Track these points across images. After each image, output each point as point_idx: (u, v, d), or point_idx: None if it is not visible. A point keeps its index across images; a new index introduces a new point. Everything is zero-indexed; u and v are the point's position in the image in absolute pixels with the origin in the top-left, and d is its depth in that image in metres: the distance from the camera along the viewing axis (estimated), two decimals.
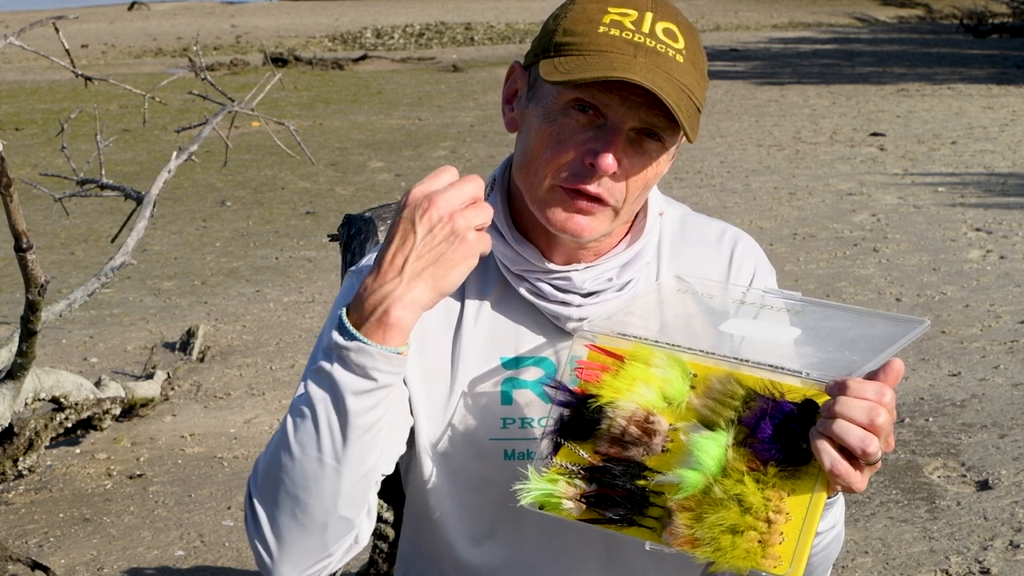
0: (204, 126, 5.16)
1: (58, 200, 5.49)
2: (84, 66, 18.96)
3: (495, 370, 1.65)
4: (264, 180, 10.81)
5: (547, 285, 1.63)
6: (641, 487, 1.41)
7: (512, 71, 1.64)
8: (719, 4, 32.75)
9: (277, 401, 5.44)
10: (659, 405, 1.46)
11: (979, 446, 4.56)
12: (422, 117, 14.44)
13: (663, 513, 1.40)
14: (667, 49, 1.51)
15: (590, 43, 1.51)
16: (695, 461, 1.39)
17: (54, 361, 5.92)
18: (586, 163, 1.53)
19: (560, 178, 1.55)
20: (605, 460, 1.45)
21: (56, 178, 6.67)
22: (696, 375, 1.47)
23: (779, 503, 1.36)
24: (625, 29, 1.51)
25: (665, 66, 1.50)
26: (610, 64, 1.48)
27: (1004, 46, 21.35)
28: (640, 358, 1.49)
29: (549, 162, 1.54)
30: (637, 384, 1.47)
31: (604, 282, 1.63)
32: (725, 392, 1.44)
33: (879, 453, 1.35)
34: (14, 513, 4.38)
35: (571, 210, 1.55)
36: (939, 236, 8.01)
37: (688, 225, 1.74)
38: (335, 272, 7.10)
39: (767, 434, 1.38)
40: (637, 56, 1.49)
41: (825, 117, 13.75)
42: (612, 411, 1.46)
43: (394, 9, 33.90)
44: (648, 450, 1.44)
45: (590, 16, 1.53)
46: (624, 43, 1.50)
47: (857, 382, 1.36)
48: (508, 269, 1.65)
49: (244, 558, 4.02)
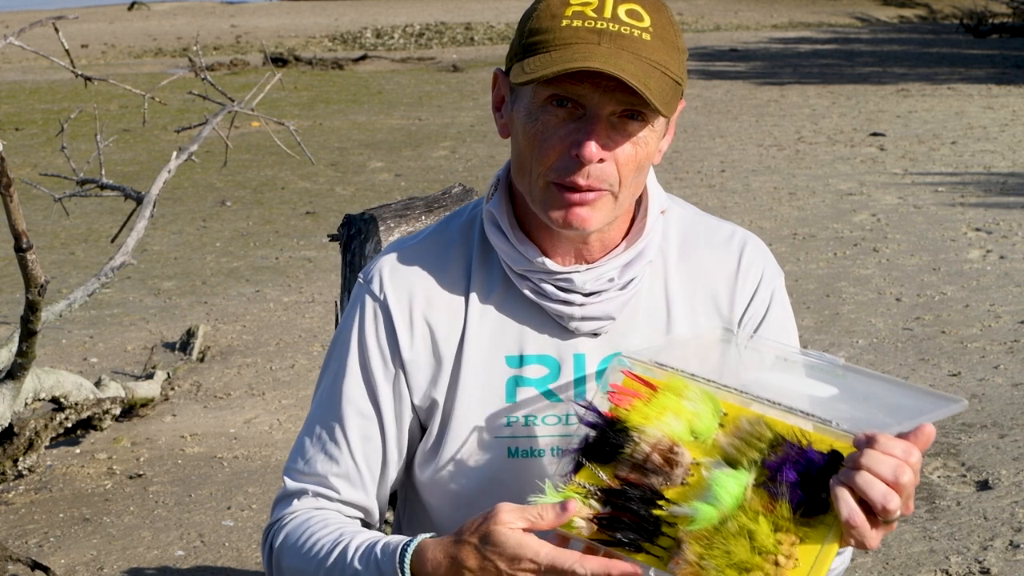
0: (204, 126, 5.16)
1: (58, 200, 5.49)
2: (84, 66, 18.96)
3: (499, 368, 1.65)
4: (264, 180, 10.81)
5: (549, 285, 1.63)
6: (655, 516, 1.41)
7: (495, 78, 1.65)
8: (719, 4, 32.74)
9: (277, 401, 5.44)
10: (685, 438, 1.46)
11: (979, 446, 4.56)
12: (422, 117, 14.44)
13: (673, 544, 1.39)
14: (631, 30, 1.52)
15: (554, 39, 1.52)
16: (713, 496, 1.39)
17: (54, 361, 5.92)
18: (572, 155, 1.54)
19: (552, 175, 1.56)
20: (624, 484, 1.45)
21: (56, 178, 6.67)
22: (727, 414, 1.47)
23: (790, 548, 1.35)
24: (587, 18, 1.52)
25: (631, 47, 1.51)
26: (571, 56, 1.49)
27: (1004, 46, 21.34)
28: (674, 389, 1.49)
29: (539, 161, 1.56)
30: (667, 414, 1.47)
31: (606, 282, 1.64)
32: (753, 433, 1.44)
33: (898, 512, 1.34)
34: (14, 513, 4.38)
35: (568, 204, 1.57)
36: (939, 236, 8.01)
37: (697, 226, 1.73)
38: (335, 272, 7.10)
39: (789, 479, 1.37)
40: (601, 43, 1.51)
41: (825, 117, 13.75)
42: (638, 436, 1.46)
43: (394, 9, 33.89)
44: (668, 480, 1.44)
45: (553, 12, 1.54)
46: (587, 32, 1.51)
47: (886, 438, 1.35)
48: (511, 269, 1.65)
49: (244, 558, 4.02)
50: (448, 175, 10.65)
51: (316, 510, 1.66)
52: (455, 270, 1.69)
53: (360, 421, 1.67)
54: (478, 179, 10.28)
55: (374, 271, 1.71)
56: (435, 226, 1.76)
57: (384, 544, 1.51)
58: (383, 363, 1.67)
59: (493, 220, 1.66)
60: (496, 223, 1.66)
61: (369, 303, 1.69)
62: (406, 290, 1.68)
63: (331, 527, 1.61)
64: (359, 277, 1.73)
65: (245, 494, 4.49)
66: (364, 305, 1.69)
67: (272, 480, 4.61)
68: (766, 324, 1.72)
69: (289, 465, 1.70)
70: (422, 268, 1.69)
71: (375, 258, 1.74)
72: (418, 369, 1.67)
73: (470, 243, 1.70)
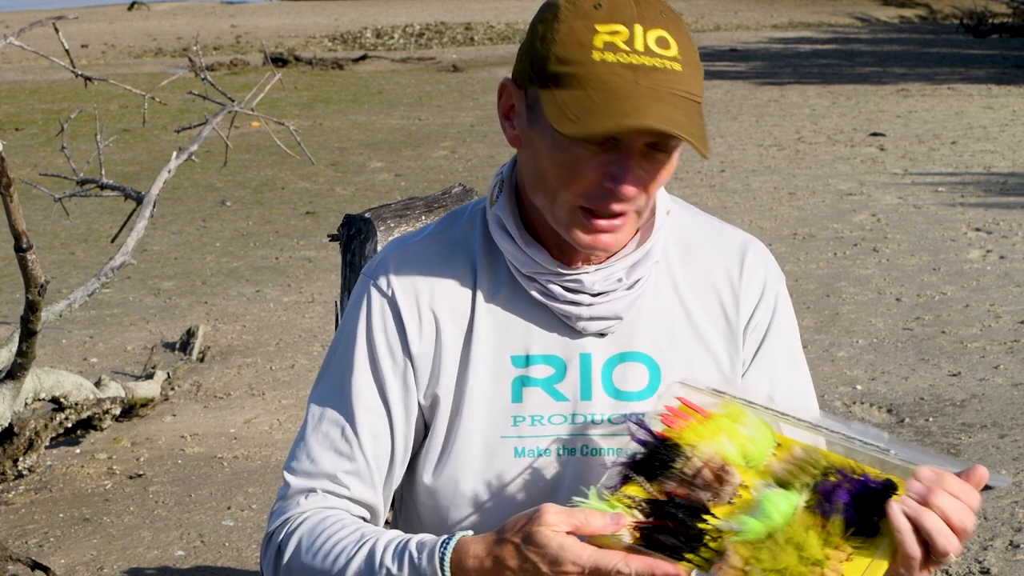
0: (204, 126, 5.16)
1: (58, 200, 5.49)
2: (84, 66, 18.96)
3: (505, 368, 1.65)
4: (264, 180, 10.81)
5: (557, 287, 1.63)
6: (700, 528, 1.39)
7: (504, 88, 1.61)
8: (719, 4, 32.74)
9: (277, 401, 5.44)
10: (737, 461, 1.45)
11: (979, 446, 4.56)
12: (422, 117, 14.44)
13: (715, 555, 1.37)
14: (664, 62, 1.50)
15: (589, 74, 1.49)
16: (762, 512, 1.37)
17: (54, 361, 5.92)
18: (605, 186, 1.53)
19: (581, 201, 1.55)
20: (670, 497, 1.43)
21: (56, 178, 6.67)
22: (780, 444, 1.47)
23: (838, 564, 1.33)
24: (619, 51, 1.49)
25: (667, 84, 1.49)
26: (620, 108, 1.47)
27: (1004, 46, 21.34)
28: (730, 416, 1.48)
29: (567, 188, 1.55)
30: (720, 435, 1.46)
31: (614, 282, 1.64)
32: (807, 460, 1.43)
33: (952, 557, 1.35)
34: (14, 513, 4.38)
35: (596, 230, 1.56)
36: (939, 236, 8.01)
37: (698, 228, 1.73)
38: (335, 272, 7.10)
39: (842, 500, 1.36)
40: (639, 82, 1.48)
41: (825, 117, 13.75)
42: (690, 451, 1.45)
43: (394, 9, 33.89)
44: (716, 497, 1.43)
45: (580, 39, 1.50)
46: (623, 68, 1.48)
47: (954, 478, 1.35)
48: (518, 271, 1.65)
49: (244, 558, 4.02)
50: (448, 175, 10.65)
51: (328, 509, 1.63)
52: (461, 269, 1.68)
53: (370, 417, 1.65)
54: (478, 179, 10.28)
55: (379, 267, 1.70)
56: (437, 224, 1.75)
57: (419, 542, 1.50)
58: (391, 358, 1.66)
59: (499, 223, 1.65)
60: (502, 226, 1.65)
61: (376, 298, 1.68)
62: (413, 286, 1.67)
63: (349, 527, 1.59)
64: (363, 274, 1.72)
65: (245, 494, 4.49)
66: (371, 300, 1.68)
67: (272, 480, 4.61)
68: (771, 331, 1.71)
69: (292, 464, 1.67)
70: (429, 265, 1.68)
71: (378, 255, 1.73)
72: (425, 364, 1.66)
73: (473, 243, 1.69)
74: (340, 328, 1.72)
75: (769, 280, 1.72)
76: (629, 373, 1.65)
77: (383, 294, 1.67)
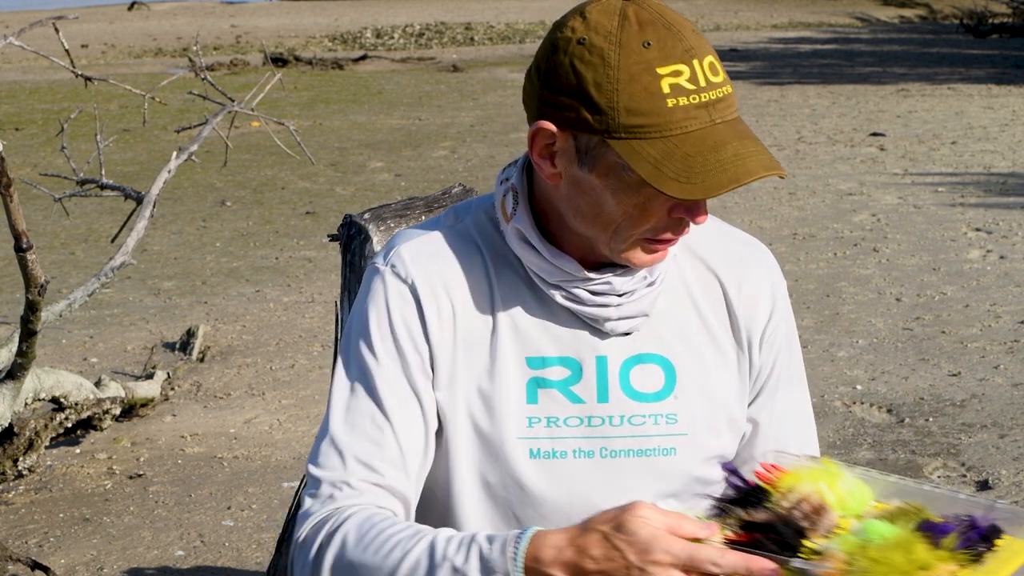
0: (204, 126, 5.16)
1: (58, 200, 5.50)
2: (84, 66, 18.95)
3: (521, 368, 1.64)
4: (264, 180, 10.81)
5: (584, 291, 1.62)
6: (797, 543, 1.33)
7: (540, 131, 1.56)
8: (719, 4, 32.74)
9: (277, 401, 5.44)
10: (835, 507, 1.40)
11: (979, 446, 4.56)
12: (422, 117, 14.44)
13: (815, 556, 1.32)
14: (722, 90, 1.51)
15: (668, 123, 1.49)
16: (864, 533, 1.33)
17: (54, 361, 5.92)
18: (673, 217, 1.55)
19: (648, 234, 1.56)
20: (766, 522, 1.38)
21: (56, 178, 6.68)
22: (878, 504, 1.43)
23: (946, 571, 1.29)
24: (687, 92, 1.49)
25: (730, 110, 1.52)
26: (718, 160, 1.48)
27: (1004, 46, 21.34)
28: (827, 472, 1.44)
29: (636, 226, 1.56)
30: (819, 482, 1.42)
31: (639, 280, 1.64)
32: (908, 509, 1.39)
33: None
34: (14, 513, 4.38)
35: (655, 252, 1.59)
36: (939, 236, 8.01)
37: (704, 230, 1.72)
38: (335, 272, 7.10)
39: (951, 530, 1.33)
40: (714, 120, 1.50)
41: (825, 117, 13.75)
42: (786, 491, 1.40)
43: (394, 9, 33.89)
44: (813, 527, 1.36)
45: (647, 87, 1.49)
46: (696, 110, 1.49)
47: None
48: (543, 279, 1.64)
49: (244, 558, 4.02)
50: (448, 175, 10.65)
51: (372, 507, 1.57)
52: (476, 265, 1.67)
53: (398, 403, 1.61)
54: (478, 179, 10.28)
55: (395, 255, 1.67)
56: (443, 218, 1.72)
57: (487, 534, 1.45)
58: (414, 345, 1.63)
59: (520, 236, 1.63)
60: (524, 239, 1.63)
61: (394, 285, 1.64)
62: (431, 274, 1.65)
63: (401, 522, 1.53)
64: (375, 263, 1.68)
65: (245, 494, 4.49)
66: (388, 288, 1.64)
67: (272, 480, 4.61)
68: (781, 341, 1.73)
69: (319, 460, 1.60)
70: (445, 257, 1.66)
71: (390, 244, 1.70)
72: (444, 355, 1.63)
73: (482, 244, 1.68)
74: (354, 319, 1.67)
75: (777, 291, 1.74)
76: (645, 374, 1.65)
77: (402, 280, 1.64)
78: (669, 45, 1.50)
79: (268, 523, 4.25)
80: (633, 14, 1.52)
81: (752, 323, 1.71)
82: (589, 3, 1.56)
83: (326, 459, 1.59)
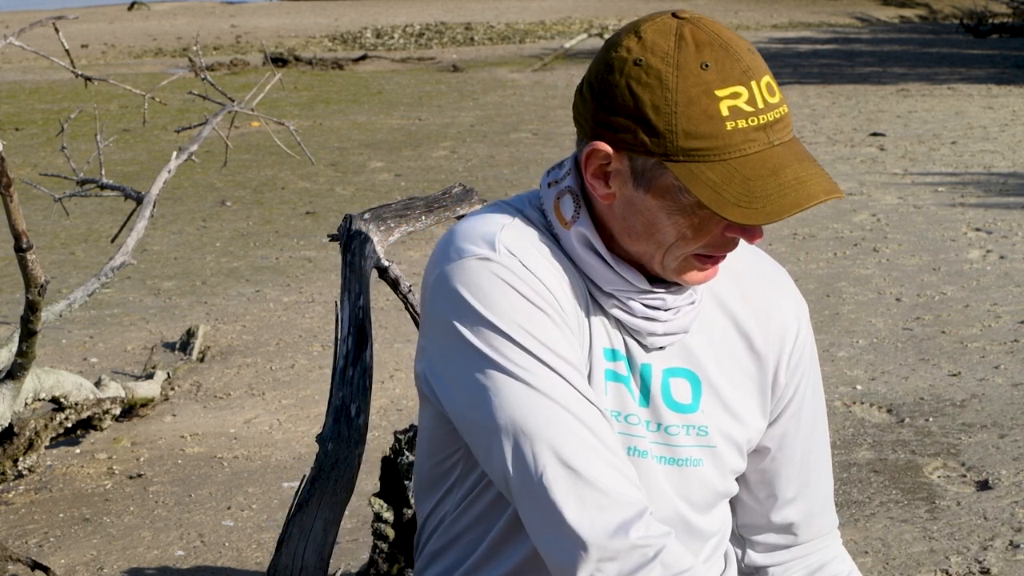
0: (204, 126, 5.16)
1: (58, 200, 5.50)
2: (84, 66, 18.95)
3: (600, 357, 1.63)
4: (264, 180, 10.81)
5: (637, 303, 1.62)
6: None
7: (596, 152, 1.54)
8: (719, 4, 32.73)
9: (277, 401, 5.44)
10: None
11: (979, 446, 4.56)
12: (422, 117, 14.44)
13: None
14: (779, 110, 1.52)
15: (727, 146, 1.48)
16: None
17: (54, 361, 5.92)
18: (727, 236, 1.55)
19: (701, 251, 1.57)
20: None
21: (56, 178, 6.67)
22: None
23: None
24: (746, 114, 1.49)
25: (787, 130, 1.52)
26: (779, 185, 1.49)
27: (1004, 46, 21.34)
28: None
29: (689, 244, 1.56)
30: None
31: (687, 295, 1.65)
32: None
33: None
34: (14, 513, 4.38)
35: (706, 269, 1.59)
36: (939, 236, 8.01)
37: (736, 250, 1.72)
38: (335, 272, 7.10)
39: None
40: (773, 142, 1.50)
41: (825, 117, 13.75)
42: None
43: (394, 9, 33.88)
44: None
45: (707, 110, 1.48)
46: (755, 132, 1.49)
47: None
48: (599, 288, 1.62)
49: (244, 558, 4.02)
50: (448, 175, 10.65)
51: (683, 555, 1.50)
52: (554, 252, 1.61)
53: (590, 402, 1.54)
54: (478, 179, 10.28)
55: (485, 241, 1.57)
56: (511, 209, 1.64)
57: None
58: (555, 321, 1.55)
59: (584, 242, 1.61)
60: (588, 244, 1.61)
61: (509, 264, 1.54)
62: (528, 254, 1.58)
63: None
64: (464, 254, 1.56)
65: (245, 494, 4.49)
66: (500, 273, 1.54)
67: (272, 480, 4.61)
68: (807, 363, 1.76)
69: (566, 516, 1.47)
70: (532, 243, 1.59)
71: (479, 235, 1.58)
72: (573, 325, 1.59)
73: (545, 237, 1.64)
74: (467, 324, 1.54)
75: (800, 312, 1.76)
76: (679, 387, 1.66)
77: (513, 256, 1.56)
78: (727, 66, 1.49)
79: (268, 523, 4.25)
80: (690, 34, 1.50)
81: (779, 344, 1.73)
82: (643, 22, 1.53)
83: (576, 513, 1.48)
